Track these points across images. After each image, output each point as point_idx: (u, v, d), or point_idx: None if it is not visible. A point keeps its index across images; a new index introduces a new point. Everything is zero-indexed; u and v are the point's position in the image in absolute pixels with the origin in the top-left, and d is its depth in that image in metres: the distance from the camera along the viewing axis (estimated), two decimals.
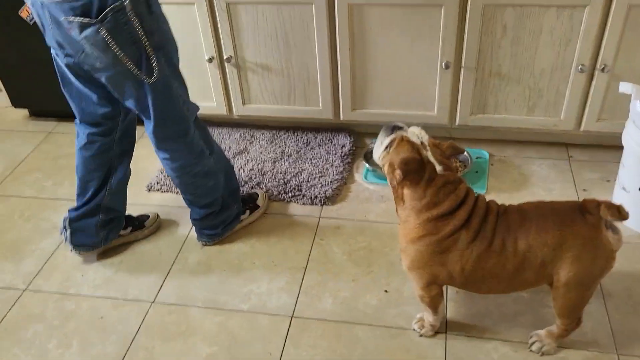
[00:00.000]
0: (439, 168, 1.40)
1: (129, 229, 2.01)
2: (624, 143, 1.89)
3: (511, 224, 1.41)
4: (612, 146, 2.21)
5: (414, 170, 1.38)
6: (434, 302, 1.55)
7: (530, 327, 1.62)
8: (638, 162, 1.84)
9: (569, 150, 2.35)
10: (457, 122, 2.30)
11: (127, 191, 1.98)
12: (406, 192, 1.42)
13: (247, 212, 2.06)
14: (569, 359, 1.54)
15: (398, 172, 1.38)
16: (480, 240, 1.40)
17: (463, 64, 2.14)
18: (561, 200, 1.44)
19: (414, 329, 1.65)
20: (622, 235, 1.40)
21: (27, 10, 1.62)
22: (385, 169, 1.46)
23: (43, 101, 2.74)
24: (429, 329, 1.62)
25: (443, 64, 2.14)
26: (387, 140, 1.44)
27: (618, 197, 2.00)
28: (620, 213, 1.33)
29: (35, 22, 1.60)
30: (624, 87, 1.85)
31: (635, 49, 1.98)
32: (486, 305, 1.69)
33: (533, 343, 1.56)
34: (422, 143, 1.42)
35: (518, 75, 2.13)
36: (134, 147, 1.95)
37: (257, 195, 2.14)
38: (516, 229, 1.39)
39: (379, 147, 1.48)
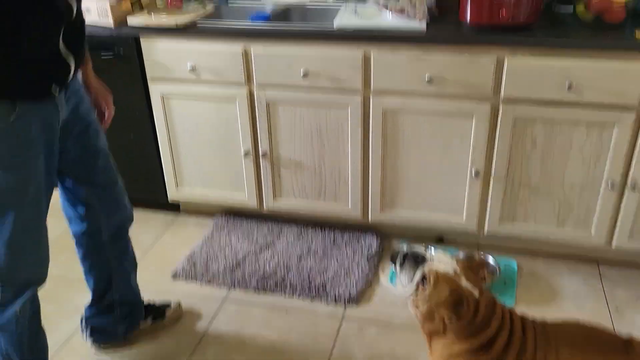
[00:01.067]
0: (476, 293, 1.34)
1: (149, 319, 1.98)
2: None
3: (551, 340, 1.36)
4: None
5: (464, 307, 1.31)
6: None
7: None
8: None
9: (600, 266, 2.30)
10: (485, 230, 2.30)
11: (151, 278, 1.98)
12: (450, 327, 1.34)
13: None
14: None
15: (449, 318, 1.30)
16: (521, 356, 1.34)
17: (493, 173, 2.17)
18: (606, 330, 1.40)
19: None
20: None
21: None
22: (422, 310, 1.37)
23: None
24: None
25: (473, 171, 2.18)
26: (418, 276, 1.36)
27: None
28: None
29: None
30: None
31: None
32: None
33: None
34: (455, 272, 1.35)
35: (548, 187, 2.15)
36: (130, 254, 1.90)
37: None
38: (557, 347, 1.34)
39: (404, 280, 1.40)
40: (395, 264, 1.45)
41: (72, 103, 1.51)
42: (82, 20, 1.48)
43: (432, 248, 2.37)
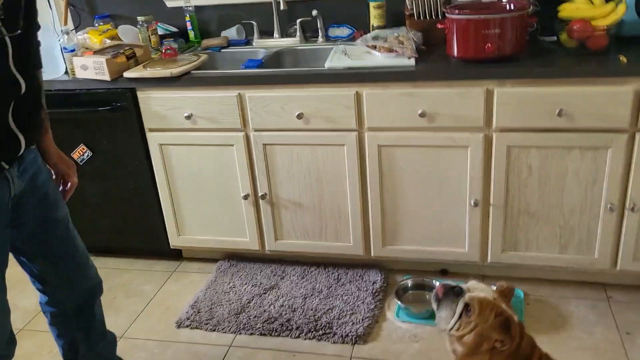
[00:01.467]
0: (516, 318, 1.34)
1: None
2: None
3: None
4: None
5: (513, 327, 1.30)
6: None
7: None
8: None
9: (607, 290, 2.28)
10: (489, 260, 2.29)
11: (155, 327, 1.93)
12: (496, 354, 1.33)
13: None
14: None
15: (502, 341, 1.29)
16: None
17: (492, 202, 2.18)
18: None
19: None
20: None
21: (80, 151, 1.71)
22: (469, 338, 1.34)
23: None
24: None
25: (472, 202, 2.19)
26: (461, 306, 1.35)
27: None
28: None
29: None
30: None
31: None
32: None
33: None
34: (494, 298, 1.35)
35: (547, 213, 2.15)
36: (99, 326, 1.81)
37: None
38: None
39: (448, 315, 1.37)
40: (432, 301, 1.44)
41: (28, 174, 1.46)
42: (36, 95, 1.45)
43: (434, 288, 2.35)
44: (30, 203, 1.49)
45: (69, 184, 1.64)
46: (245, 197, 2.42)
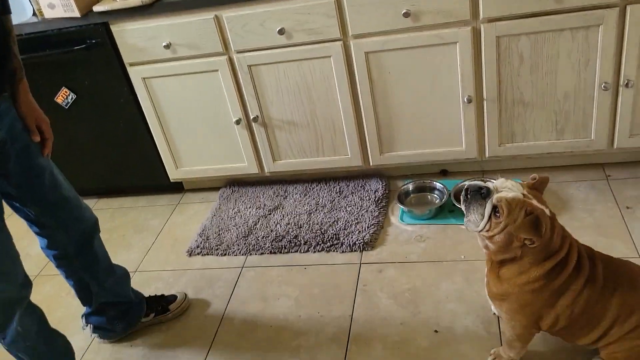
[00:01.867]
0: (547, 212, 1.33)
1: (152, 315, 1.97)
2: None
3: (621, 275, 1.40)
4: None
5: (543, 226, 1.28)
6: (529, 338, 1.51)
7: (588, 354, 1.54)
8: None
9: (605, 169, 2.31)
10: (487, 155, 2.30)
11: (167, 258, 1.98)
12: (528, 249, 1.34)
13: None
14: None
15: (532, 239, 1.29)
16: (591, 283, 1.37)
17: (485, 96, 2.16)
18: None
19: None
20: None
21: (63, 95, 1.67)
22: (500, 237, 1.34)
23: (82, 179, 2.84)
24: None
25: (465, 98, 2.16)
26: (489, 208, 1.32)
27: None
28: None
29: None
30: None
31: None
32: (541, 334, 1.62)
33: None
34: (524, 195, 1.33)
35: (541, 101, 2.13)
36: (102, 262, 1.83)
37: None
38: (626, 283, 1.38)
39: (477, 218, 1.35)
40: (460, 203, 1.41)
41: (6, 123, 1.44)
42: (5, 42, 1.41)
43: (435, 189, 2.38)
44: (13, 152, 1.48)
45: (47, 141, 1.57)
46: (238, 122, 2.40)
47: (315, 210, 2.40)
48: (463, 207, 1.41)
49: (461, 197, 1.41)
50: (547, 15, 1.96)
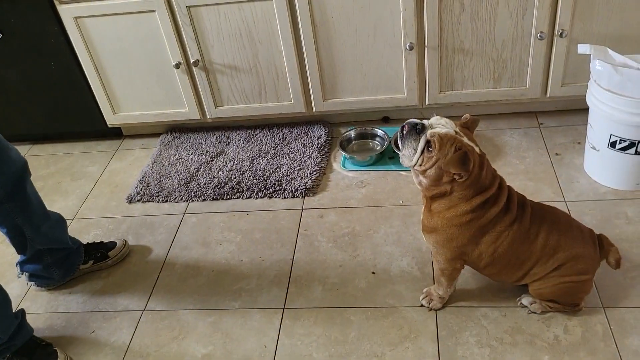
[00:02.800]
0: (477, 149, 1.38)
1: (90, 262, 1.94)
2: (588, 104, 1.94)
3: (546, 218, 1.48)
4: (579, 109, 2.25)
5: (469, 162, 1.34)
6: (454, 275, 1.58)
7: (517, 291, 1.65)
8: (604, 120, 1.88)
9: (538, 117, 2.40)
10: (427, 102, 2.33)
11: (106, 205, 1.95)
12: (457, 184, 1.39)
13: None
14: (557, 316, 1.58)
15: (459, 174, 1.35)
16: (518, 225, 1.45)
17: (426, 43, 2.17)
18: (586, 226, 1.54)
19: (422, 305, 1.67)
20: None
21: None
22: (431, 172, 1.39)
23: (13, 124, 2.71)
24: (437, 301, 1.65)
25: (407, 45, 2.17)
26: (422, 143, 1.37)
27: (589, 157, 2.04)
28: (618, 262, 1.52)
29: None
30: (583, 48, 1.90)
31: (589, 11, 2.03)
32: (471, 274, 1.72)
33: (523, 297, 1.62)
34: (455, 132, 1.37)
35: (481, 49, 2.17)
36: (36, 207, 1.75)
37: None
38: (550, 226, 1.47)
39: (410, 153, 1.39)
40: (401, 139, 1.43)
41: None
42: None
43: (377, 136, 2.41)
44: None
45: None
46: (177, 66, 2.33)
47: (258, 156, 2.40)
48: (400, 144, 1.45)
49: (398, 133, 1.44)
50: None
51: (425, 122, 1.40)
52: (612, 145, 1.89)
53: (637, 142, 1.84)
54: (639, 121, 1.78)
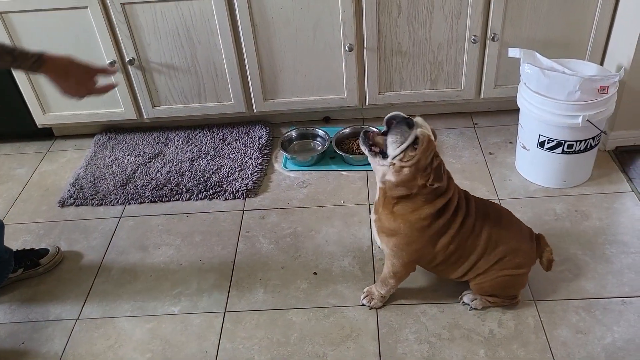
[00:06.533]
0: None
1: (20, 271, 1.85)
2: (519, 105, 2.02)
3: (489, 214, 1.54)
4: (510, 110, 2.34)
5: (442, 172, 1.40)
6: (404, 277, 1.62)
7: (454, 288, 1.70)
8: (533, 120, 1.96)
9: (473, 118, 2.48)
10: (367, 102, 2.37)
11: (36, 209, 1.86)
12: (425, 188, 1.41)
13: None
14: (492, 311, 1.64)
15: (433, 177, 1.38)
16: (466, 221, 1.49)
17: (365, 45, 2.20)
18: (522, 223, 1.61)
19: (362, 304, 1.68)
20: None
21: None
22: (407, 171, 1.38)
23: None
24: (378, 300, 1.67)
25: (346, 47, 2.19)
26: (412, 137, 1.35)
27: (520, 157, 2.13)
28: (550, 264, 1.59)
29: None
30: (513, 52, 1.98)
31: (519, 17, 2.11)
32: (411, 274, 1.75)
33: (467, 294, 1.66)
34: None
35: (418, 51, 2.22)
36: None
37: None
38: (493, 220, 1.52)
39: (396, 143, 1.36)
40: (387, 127, 1.41)
41: None
42: None
43: (318, 136, 2.42)
44: None
45: None
46: (111, 65, 2.25)
47: (198, 157, 2.36)
48: (361, 141, 1.42)
49: (385, 120, 1.40)
50: None
51: (415, 119, 1.39)
52: (541, 144, 1.98)
53: (564, 142, 1.93)
54: (565, 122, 1.87)
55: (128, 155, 2.40)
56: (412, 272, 1.61)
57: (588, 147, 1.95)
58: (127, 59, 2.25)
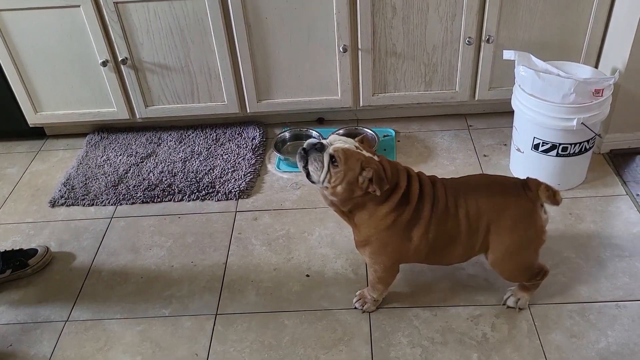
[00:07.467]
0: (376, 159, 1.43)
1: (8, 272, 1.82)
2: (513, 107, 2.01)
3: (459, 189, 1.50)
4: (505, 112, 2.33)
5: (384, 176, 1.39)
6: (391, 280, 1.60)
7: (447, 290, 1.69)
8: (527, 123, 1.96)
9: (467, 120, 2.47)
10: (361, 104, 2.35)
11: (27, 209, 1.84)
12: (369, 195, 1.43)
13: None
14: (485, 314, 1.62)
15: (375, 186, 1.38)
16: (436, 206, 1.47)
17: (360, 46, 2.19)
18: (506, 176, 1.55)
19: (355, 307, 1.67)
20: (549, 216, 1.53)
21: None
22: (341, 189, 1.41)
23: None
24: (371, 304, 1.65)
25: (341, 47, 2.18)
26: (327, 158, 1.40)
27: (514, 159, 2.12)
28: (554, 197, 1.45)
29: None
30: (508, 54, 1.97)
31: (513, 19, 2.11)
32: (404, 276, 1.74)
33: (508, 298, 1.64)
34: (356, 147, 1.43)
35: (412, 52, 2.20)
36: None
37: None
38: (465, 193, 1.48)
39: (317, 170, 1.41)
40: (300, 162, 1.46)
41: None
42: None
43: (312, 137, 2.41)
44: None
45: None
46: (104, 64, 2.23)
47: (191, 157, 2.34)
48: (300, 167, 1.46)
49: (297, 156, 1.46)
50: None
51: (323, 141, 1.44)
52: (536, 147, 1.97)
53: (558, 144, 1.93)
54: (560, 125, 1.86)
55: (120, 155, 2.38)
56: (399, 274, 1.59)
57: (583, 149, 1.95)
58: (120, 58, 2.23)
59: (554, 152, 1.95)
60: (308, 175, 1.45)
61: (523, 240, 1.49)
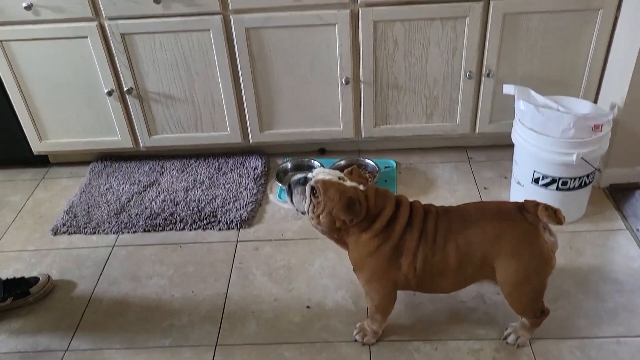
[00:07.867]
0: (361, 187, 1.48)
1: (9, 300, 1.82)
2: (513, 141, 2.04)
3: (452, 221, 1.49)
4: (505, 145, 2.35)
5: (356, 205, 1.44)
6: (389, 310, 1.61)
7: (447, 323, 1.69)
8: (528, 157, 1.98)
9: (468, 152, 2.49)
10: (362, 135, 2.38)
11: (29, 237, 1.86)
12: (345, 222, 1.48)
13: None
14: (486, 349, 1.62)
15: (347, 216, 1.44)
16: (424, 238, 1.48)
17: (362, 78, 2.22)
18: (503, 201, 1.56)
19: (355, 340, 1.66)
20: (557, 239, 1.53)
21: None
22: (323, 219, 1.48)
23: None
24: (371, 336, 1.65)
25: (343, 80, 2.21)
26: (308, 189, 1.48)
27: (515, 192, 2.14)
28: (556, 215, 1.41)
29: None
30: (507, 89, 2.00)
31: (513, 54, 2.15)
32: (404, 308, 1.74)
33: (509, 335, 1.63)
34: (339, 178, 1.49)
35: (413, 85, 2.24)
36: None
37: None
38: (457, 226, 1.48)
39: (299, 199, 1.52)
40: (288, 196, 1.57)
41: None
42: None
43: (313, 167, 2.43)
44: None
45: None
46: (110, 94, 2.27)
47: (193, 187, 2.36)
48: (288, 200, 1.57)
49: (285, 190, 1.58)
50: (421, 4, 2.05)
51: (309, 175, 1.53)
52: (536, 181, 1.99)
53: (558, 178, 1.94)
54: (560, 159, 1.88)
55: (123, 183, 2.40)
56: (400, 306, 1.59)
57: (582, 184, 1.96)
58: (125, 88, 2.26)
59: (553, 186, 1.96)
60: (291, 201, 1.56)
61: (529, 266, 1.44)
